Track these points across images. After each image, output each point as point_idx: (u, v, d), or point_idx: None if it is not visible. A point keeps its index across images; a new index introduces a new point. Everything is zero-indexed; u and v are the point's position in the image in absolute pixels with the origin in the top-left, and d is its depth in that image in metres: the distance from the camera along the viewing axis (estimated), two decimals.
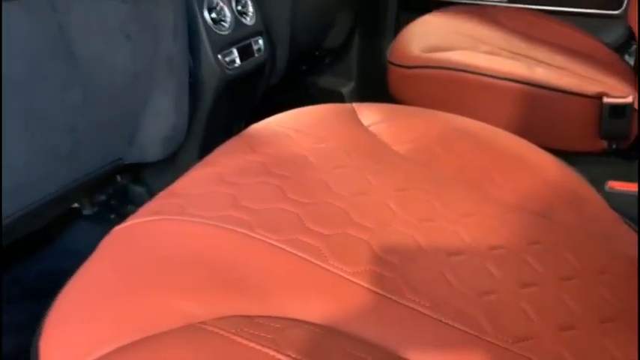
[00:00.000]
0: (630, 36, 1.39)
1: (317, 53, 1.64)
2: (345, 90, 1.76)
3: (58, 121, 0.72)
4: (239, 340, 0.39)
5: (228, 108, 1.11)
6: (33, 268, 1.03)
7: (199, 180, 0.58)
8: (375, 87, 1.65)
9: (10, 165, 0.68)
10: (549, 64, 1.14)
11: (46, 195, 0.76)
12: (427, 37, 1.20)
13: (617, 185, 0.71)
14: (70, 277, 1.06)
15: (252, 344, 0.39)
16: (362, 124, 0.76)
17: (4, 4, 0.60)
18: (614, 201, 0.69)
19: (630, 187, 0.71)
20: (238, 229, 0.50)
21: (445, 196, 0.62)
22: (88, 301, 0.45)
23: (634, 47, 1.37)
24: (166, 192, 0.57)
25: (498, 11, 1.44)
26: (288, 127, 0.70)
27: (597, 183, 0.86)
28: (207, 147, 1.10)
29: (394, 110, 0.79)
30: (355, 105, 0.81)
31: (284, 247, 0.49)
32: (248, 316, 0.42)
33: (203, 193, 0.56)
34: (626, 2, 1.42)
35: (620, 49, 1.41)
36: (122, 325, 0.41)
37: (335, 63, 1.72)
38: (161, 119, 0.89)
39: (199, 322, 0.41)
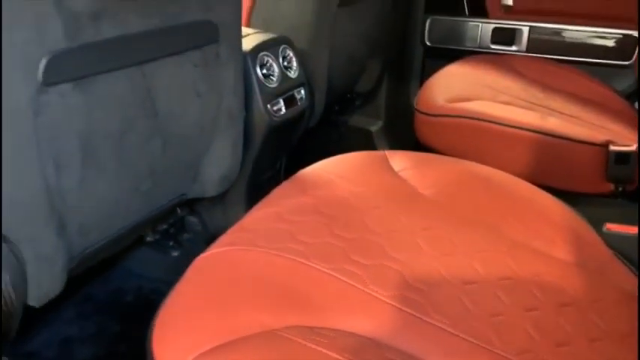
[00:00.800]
0: None
1: (349, 96, 1.79)
2: (374, 128, 1.90)
3: (141, 165, 0.87)
4: (304, 343, 0.52)
5: (273, 148, 1.26)
6: (102, 287, 1.18)
7: (263, 218, 0.72)
8: (401, 126, 1.79)
9: (101, 201, 0.83)
10: (562, 113, 1.26)
11: (126, 225, 0.91)
12: (450, 87, 1.34)
13: (613, 227, 0.83)
14: (133, 295, 1.20)
15: (313, 346, 0.52)
16: (393, 170, 0.89)
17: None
18: (611, 241, 0.80)
19: (625, 229, 0.82)
20: (297, 259, 0.63)
21: (463, 234, 0.74)
22: (186, 312, 0.59)
23: None
24: (237, 227, 0.71)
25: (517, 60, 1.57)
26: (332, 172, 0.84)
27: (603, 222, 0.98)
28: (253, 182, 1.25)
29: (421, 158, 0.92)
30: (387, 152, 0.95)
31: (333, 273, 0.63)
32: (309, 327, 0.55)
33: (267, 228, 0.70)
34: (636, 54, 1.54)
35: (631, 96, 1.52)
36: (215, 330, 0.54)
37: (365, 104, 1.87)
38: (220, 161, 1.04)
39: (273, 330, 0.54)
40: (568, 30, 1.60)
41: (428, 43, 1.76)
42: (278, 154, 1.34)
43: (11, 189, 0.67)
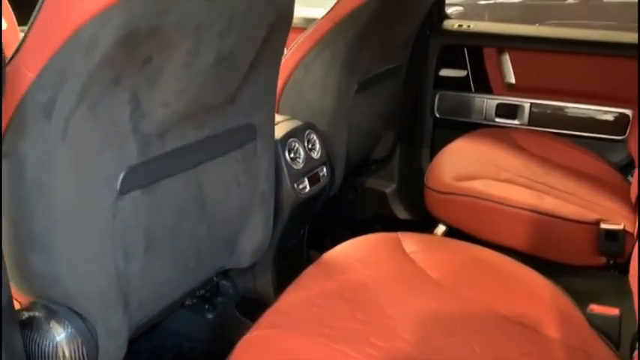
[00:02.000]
0: (632, 160, 1.64)
1: (365, 162, 1.94)
2: (388, 190, 2.05)
3: (190, 247, 1.02)
4: None
5: (298, 220, 1.41)
6: (145, 345, 1.32)
7: (295, 302, 0.87)
8: (413, 189, 1.94)
9: (157, 280, 0.97)
10: (558, 190, 1.40)
11: (175, 297, 1.06)
12: (457, 164, 1.49)
13: (597, 308, 0.95)
14: (173, 353, 1.34)
15: None
16: (405, 252, 1.04)
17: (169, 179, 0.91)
18: (594, 320, 0.93)
19: (607, 311, 0.95)
20: (326, 342, 0.77)
21: (464, 315, 0.88)
22: None
23: (635, 170, 1.61)
24: (274, 309, 0.85)
25: (519, 134, 1.72)
26: (352, 257, 0.98)
27: (591, 295, 1.10)
28: (280, 250, 1.40)
29: (430, 241, 1.07)
30: (400, 235, 1.09)
31: (355, 354, 0.76)
32: None
33: (299, 312, 0.84)
34: (628, 130, 1.68)
35: (625, 169, 1.66)
36: None
37: (380, 168, 2.02)
38: (253, 236, 1.19)
39: None
40: (566, 106, 1.76)
41: (437, 115, 1.93)
42: (302, 223, 1.49)
43: (91, 277, 0.82)
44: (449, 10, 6.10)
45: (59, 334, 0.82)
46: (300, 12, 2.03)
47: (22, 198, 0.75)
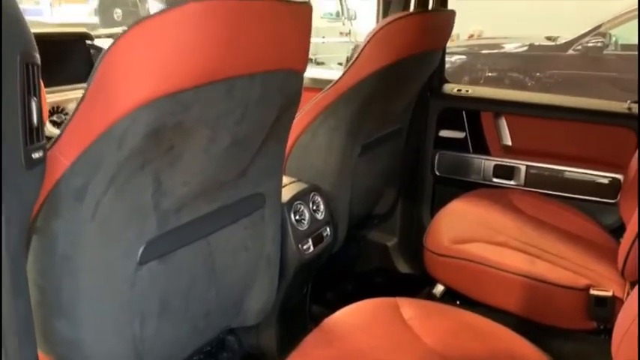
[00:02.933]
0: (624, 223, 1.71)
1: (367, 217, 2.02)
2: (390, 243, 2.12)
3: (199, 310, 1.08)
4: None
5: (301, 278, 1.47)
6: None
7: None
8: (413, 243, 2.00)
9: (168, 341, 1.04)
10: (550, 254, 1.46)
11: (183, 356, 1.12)
12: (454, 227, 1.56)
13: None
14: None
15: None
16: (403, 319, 1.10)
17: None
18: None
19: None
20: None
21: None
22: None
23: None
24: None
25: (515, 195, 1.79)
26: (352, 324, 1.05)
27: (582, 359, 1.15)
28: (284, 307, 1.46)
29: (426, 307, 1.13)
30: (398, 300, 1.15)
31: None
32: None
33: None
34: (620, 194, 1.75)
35: (616, 232, 1.72)
36: None
37: (382, 222, 2.10)
38: (259, 297, 1.25)
39: None
40: (561, 169, 1.84)
41: (437, 173, 2.01)
42: (306, 281, 1.56)
43: (110, 341, 0.89)
44: (452, 59, 6.22)
45: None
46: (308, 73, 2.15)
47: (51, 270, 0.82)
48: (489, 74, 5.96)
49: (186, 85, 0.78)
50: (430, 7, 1.55)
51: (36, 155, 0.71)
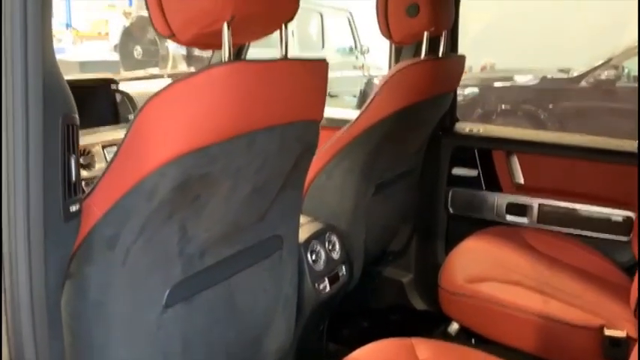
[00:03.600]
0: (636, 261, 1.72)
1: (382, 255, 2.05)
2: (405, 280, 2.14)
3: (220, 349, 1.12)
4: None
5: (318, 317, 1.50)
6: None
7: None
8: (428, 279, 2.02)
9: None
10: (564, 292, 1.47)
11: None
12: (468, 265, 1.58)
13: None
14: None
15: None
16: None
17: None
18: None
19: None
20: None
21: None
22: None
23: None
24: None
25: (529, 233, 1.81)
26: None
27: None
28: (301, 345, 1.48)
29: (441, 348, 1.15)
30: (414, 340, 1.18)
31: None
32: None
33: None
34: (632, 232, 1.76)
35: (630, 270, 1.72)
36: None
37: (397, 259, 2.12)
38: (276, 336, 1.28)
39: None
40: (573, 207, 1.86)
41: (451, 211, 2.04)
42: (322, 319, 1.58)
43: None
44: (465, 92, 6.24)
45: None
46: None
47: (83, 315, 0.87)
48: (503, 107, 5.99)
49: (211, 141, 0.83)
50: (440, 52, 1.61)
51: (73, 208, 0.77)
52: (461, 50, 1.98)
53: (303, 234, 1.43)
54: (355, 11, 7.61)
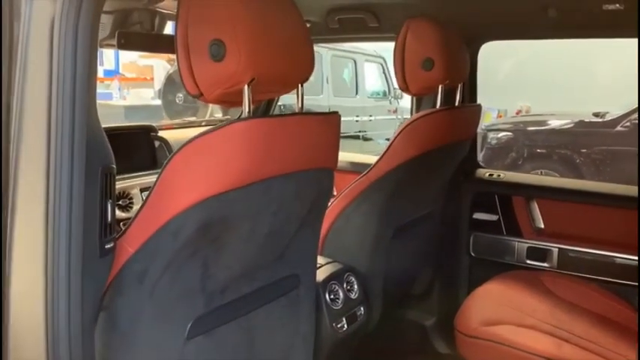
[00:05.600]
0: None
1: (404, 298, 2.09)
2: (428, 323, 2.17)
3: None
4: None
5: (337, 357, 1.56)
6: None
7: None
8: (451, 323, 2.04)
9: None
10: (580, 338, 1.49)
11: None
12: (485, 308, 1.62)
13: None
14: None
15: None
16: None
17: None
18: None
19: None
20: None
21: None
22: None
23: None
24: None
25: (549, 278, 1.83)
26: None
27: None
28: None
29: None
30: None
31: None
32: None
33: None
34: None
35: None
36: None
37: (420, 302, 2.16)
38: None
39: None
40: (594, 252, 1.87)
41: (473, 254, 2.08)
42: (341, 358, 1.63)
43: None
44: (498, 135, 6.21)
45: None
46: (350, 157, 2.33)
47: (113, 344, 0.97)
48: (537, 151, 5.97)
49: (230, 187, 0.94)
50: (457, 102, 1.70)
51: (108, 246, 0.88)
52: (492, 94, 2.06)
53: (322, 274, 1.51)
54: (388, 56, 7.82)
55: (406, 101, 7.98)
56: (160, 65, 9.83)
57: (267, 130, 0.96)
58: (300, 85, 1.08)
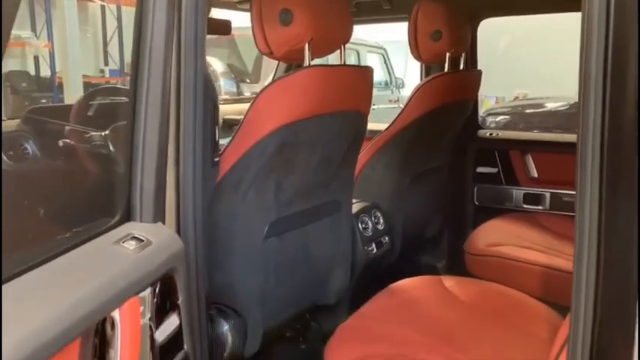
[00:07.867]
0: None
1: (419, 241, 2.42)
2: (439, 265, 2.50)
3: (298, 278, 1.53)
4: None
5: (367, 274, 1.89)
6: None
7: (373, 309, 1.34)
8: (461, 265, 2.38)
9: (278, 297, 1.47)
10: (568, 255, 1.82)
11: (285, 316, 1.55)
12: (490, 236, 1.95)
13: None
14: None
15: None
16: (445, 287, 1.50)
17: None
18: None
19: None
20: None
21: (483, 328, 1.32)
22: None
23: None
24: (359, 312, 1.33)
25: (543, 217, 2.17)
26: (408, 287, 1.46)
27: None
28: (353, 297, 1.87)
29: (464, 280, 1.53)
30: (442, 277, 1.56)
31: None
32: None
33: (378, 312, 1.31)
34: None
35: None
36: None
37: (432, 247, 2.49)
38: (337, 280, 1.68)
39: None
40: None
41: (477, 203, 2.41)
42: (372, 276, 1.97)
43: (249, 285, 1.34)
44: (497, 119, 6.44)
45: (226, 325, 1.33)
46: None
47: (214, 238, 1.30)
48: (534, 132, 6.27)
49: (296, 119, 1.27)
50: (461, 67, 2.03)
51: (216, 159, 1.22)
52: (493, 81, 2.39)
53: (355, 208, 1.84)
54: (389, 47, 8.13)
55: (407, 91, 8.30)
56: None
57: (323, 75, 1.29)
58: (342, 46, 1.42)
